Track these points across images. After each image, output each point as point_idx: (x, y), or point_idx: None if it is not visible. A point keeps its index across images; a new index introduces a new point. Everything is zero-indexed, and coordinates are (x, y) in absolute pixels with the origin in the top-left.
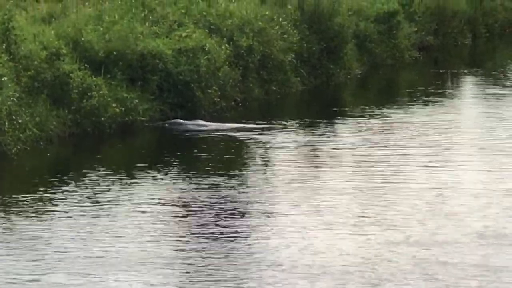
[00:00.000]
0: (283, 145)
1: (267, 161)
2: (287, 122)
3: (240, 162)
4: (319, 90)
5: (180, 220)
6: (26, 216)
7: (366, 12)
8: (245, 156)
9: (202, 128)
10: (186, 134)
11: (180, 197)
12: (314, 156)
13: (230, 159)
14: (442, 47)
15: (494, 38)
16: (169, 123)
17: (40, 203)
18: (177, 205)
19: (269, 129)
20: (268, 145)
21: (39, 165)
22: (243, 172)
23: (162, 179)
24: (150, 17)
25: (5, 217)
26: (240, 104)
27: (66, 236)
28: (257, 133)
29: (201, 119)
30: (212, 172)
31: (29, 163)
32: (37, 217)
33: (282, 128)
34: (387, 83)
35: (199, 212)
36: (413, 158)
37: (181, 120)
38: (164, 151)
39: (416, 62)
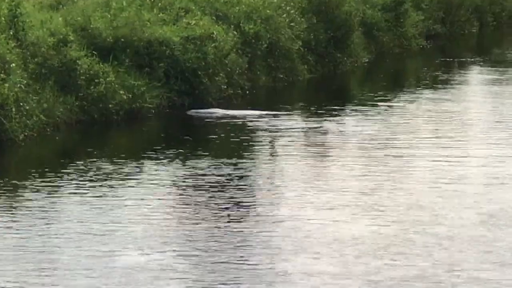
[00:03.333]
0: (290, 130)
1: (275, 146)
2: (294, 109)
3: (247, 148)
4: (326, 78)
5: (186, 203)
6: (34, 200)
7: (373, 0)
8: (253, 142)
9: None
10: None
11: (187, 181)
12: (321, 142)
13: (237, 145)
14: (449, 35)
15: (501, 27)
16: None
17: (47, 189)
18: (184, 189)
19: (277, 115)
20: (275, 131)
21: (46, 152)
22: (251, 157)
23: (169, 165)
24: (158, 4)
25: (13, 201)
26: (247, 92)
27: (74, 216)
28: (265, 119)
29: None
30: (219, 156)
31: (36, 149)
32: (44, 201)
33: (289, 115)
34: (394, 72)
35: (206, 195)
36: (418, 145)
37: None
38: (171, 137)
39: (423, 51)
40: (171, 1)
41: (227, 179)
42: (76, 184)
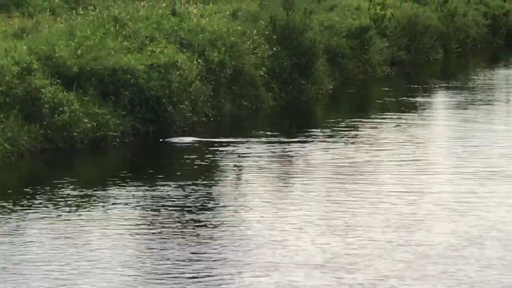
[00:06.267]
0: (254, 157)
1: (239, 171)
2: (258, 136)
3: (212, 174)
4: (291, 105)
5: (151, 227)
6: None
7: (338, 27)
8: (218, 168)
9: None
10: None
11: (152, 206)
12: (285, 167)
13: (202, 171)
14: (414, 62)
15: (466, 54)
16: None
17: (12, 217)
18: (149, 213)
19: (241, 142)
20: (239, 157)
21: (11, 180)
22: (216, 183)
23: (133, 193)
24: (123, 32)
25: None
26: (211, 119)
27: (38, 242)
28: (229, 146)
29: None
30: (184, 183)
31: (0, 178)
32: (8, 227)
33: (253, 142)
34: (358, 98)
35: (171, 218)
36: (383, 169)
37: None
38: (136, 165)
39: (388, 77)
40: (136, 29)
41: (192, 203)
42: (40, 211)
